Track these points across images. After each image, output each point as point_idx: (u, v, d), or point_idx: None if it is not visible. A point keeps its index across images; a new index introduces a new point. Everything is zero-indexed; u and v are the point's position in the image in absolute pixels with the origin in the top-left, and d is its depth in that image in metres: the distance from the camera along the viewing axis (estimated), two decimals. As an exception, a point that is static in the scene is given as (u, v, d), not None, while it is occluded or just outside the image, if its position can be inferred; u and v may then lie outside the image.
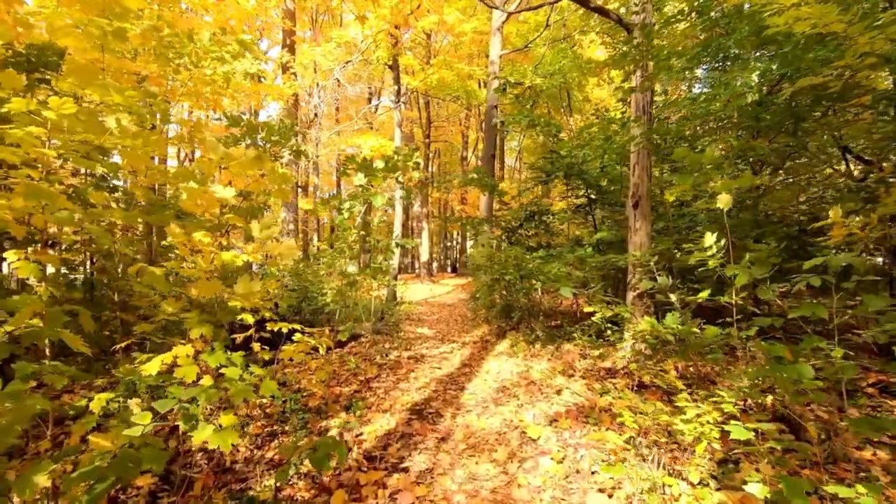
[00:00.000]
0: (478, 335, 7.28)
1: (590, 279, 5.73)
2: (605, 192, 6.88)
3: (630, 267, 4.93)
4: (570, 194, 7.15)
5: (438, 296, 14.36)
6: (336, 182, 32.41)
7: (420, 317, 9.63)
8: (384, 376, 5.00)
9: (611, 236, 6.02)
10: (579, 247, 6.31)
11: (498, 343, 6.64)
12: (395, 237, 10.97)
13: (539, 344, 6.04)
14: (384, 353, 6.08)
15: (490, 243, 9.25)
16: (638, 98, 5.00)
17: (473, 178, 7.15)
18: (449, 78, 14.08)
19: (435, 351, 6.34)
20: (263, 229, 2.69)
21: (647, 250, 4.86)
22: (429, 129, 20.08)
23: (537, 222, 7.09)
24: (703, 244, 3.38)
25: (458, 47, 15.81)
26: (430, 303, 12.24)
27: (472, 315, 9.47)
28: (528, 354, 5.78)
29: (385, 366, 5.40)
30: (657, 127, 4.54)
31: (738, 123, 5.05)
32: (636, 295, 4.92)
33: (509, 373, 4.98)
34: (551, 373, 4.82)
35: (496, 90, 6.54)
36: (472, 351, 6.24)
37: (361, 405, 3.99)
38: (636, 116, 5.01)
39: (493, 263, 6.83)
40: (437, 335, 7.53)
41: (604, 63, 5.90)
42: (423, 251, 19.74)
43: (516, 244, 7.26)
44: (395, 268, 10.98)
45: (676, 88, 9.72)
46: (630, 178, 5.10)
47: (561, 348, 5.96)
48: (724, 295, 3.61)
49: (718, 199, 3.32)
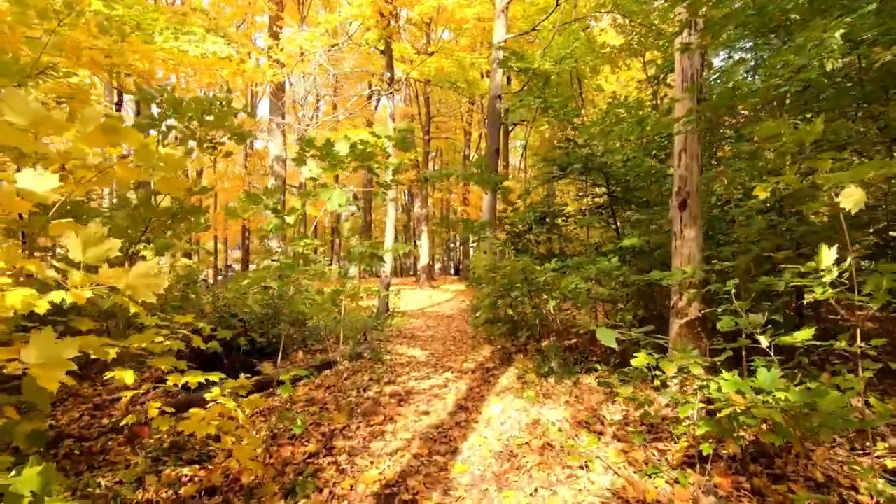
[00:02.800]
0: (478, 360, 6.11)
1: (617, 297, 4.56)
2: (631, 188, 5.71)
3: (676, 286, 3.76)
4: (588, 192, 5.99)
5: (438, 304, 13.21)
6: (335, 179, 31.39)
7: (414, 332, 8.48)
8: (354, 428, 3.85)
9: (641, 243, 4.85)
10: (601, 256, 5.14)
11: (502, 372, 5.47)
12: (388, 242, 9.84)
13: (553, 378, 4.87)
14: (361, 388, 4.93)
15: (493, 250, 8.09)
16: (685, 65, 3.83)
17: (474, 174, 6.01)
18: (449, 67, 12.94)
19: (425, 383, 5.18)
20: (90, 246, 1.54)
21: (698, 265, 3.69)
22: (428, 126, 18.93)
23: (549, 226, 5.93)
24: (818, 262, 2.21)
25: (459, 35, 14.67)
26: (427, 314, 11.08)
27: (472, 331, 8.30)
28: (540, 392, 4.61)
29: (359, 409, 4.25)
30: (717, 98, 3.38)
31: (814, 100, 3.87)
32: (685, 323, 3.74)
33: (517, 424, 3.81)
34: (573, 427, 3.65)
35: (501, 64, 5.38)
36: (471, 384, 5.08)
37: (310, 486, 2.84)
38: (684, 88, 3.85)
39: (498, 275, 5.67)
40: (430, 359, 6.37)
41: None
42: (422, 254, 18.60)
43: (524, 251, 6.11)
44: (386, 274, 9.86)
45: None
46: (673, 170, 3.93)
47: (580, 383, 4.79)
48: (835, 338, 2.45)
49: (842, 196, 2.15)
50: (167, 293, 4.15)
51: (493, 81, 11.04)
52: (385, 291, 9.34)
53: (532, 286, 5.26)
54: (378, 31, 9.50)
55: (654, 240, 4.91)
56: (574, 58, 10.24)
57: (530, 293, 5.39)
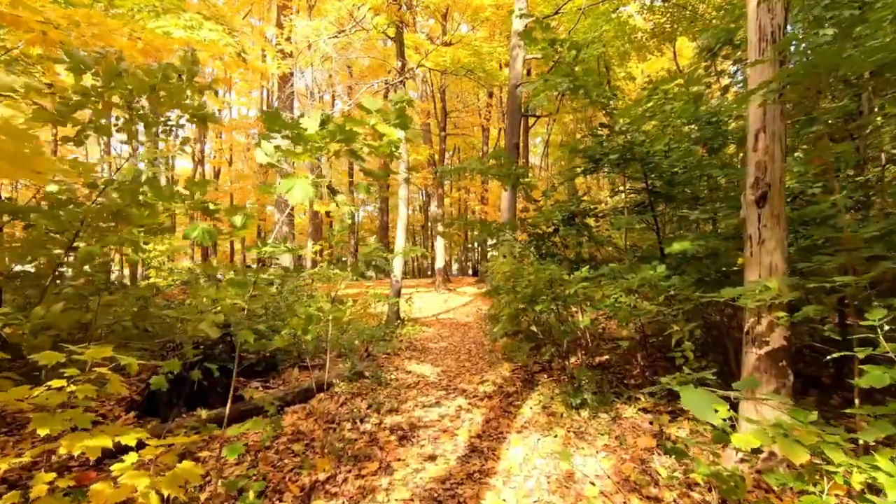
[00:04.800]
0: (496, 381, 5.31)
1: (668, 315, 3.71)
2: (675, 183, 4.81)
3: (755, 307, 2.89)
4: (626, 188, 5.11)
5: (453, 309, 12.42)
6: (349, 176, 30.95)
7: (425, 344, 7.72)
8: (341, 479, 3.10)
9: (694, 248, 3.98)
10: (643, 263, 4.29)
11: (524, 399, 4.66)
12: (399, 244, 9.11)
13: (586, 411, 4.04)
14: (358, 419, 4.19)
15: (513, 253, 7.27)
16: (762, 19, 2.96)
17: (492, 166, 5.21)
18: (466, 58, 12.15)
19: (434, 412, 4.41)
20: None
21: (784, 278, 2.82)
22: (444, 122, 18.14)
23: (579, 227, 5.07)
24: None
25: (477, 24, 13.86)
26: (441, 321, 10.31)
27: (489, 343, 7.50)
28: (571, 429, 3.79)
29: (349, 451, 3.50)
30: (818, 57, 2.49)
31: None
32: (765, 354, 2.88)
33: (544, 479, 3.01)
34: (617, 487, 2.83)
35: (523, 36, 4.58)
36: (487, 414, 4.29)
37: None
38: (761, 50, 2.98)
39: (520, 284, 4.87)
40: (441, 379, 5.60)
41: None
42: (438, 256, 17.83)
43: (549, 256, 5.29)
44: (397, 279, 9.14)
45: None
46: (748, 156, 3.06)
47: (620, 418, 3.96)
48: None
49: None
50: (124, 311, 3.47)
51: (513, 70, 10.22)
52: (395, 298, 8.61)
53: (560, 298, 4.43)
54: (388, 15, 8.78)
55: (711, 244, 4.03)
56: (602, 42, 9.33)
57: (557, 307, 4.56)
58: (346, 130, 2.20)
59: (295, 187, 1.99)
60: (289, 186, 1.99)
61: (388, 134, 2.40)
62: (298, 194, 1.97)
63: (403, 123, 2.45)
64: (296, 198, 1.97)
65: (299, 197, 1.97)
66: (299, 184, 2.00)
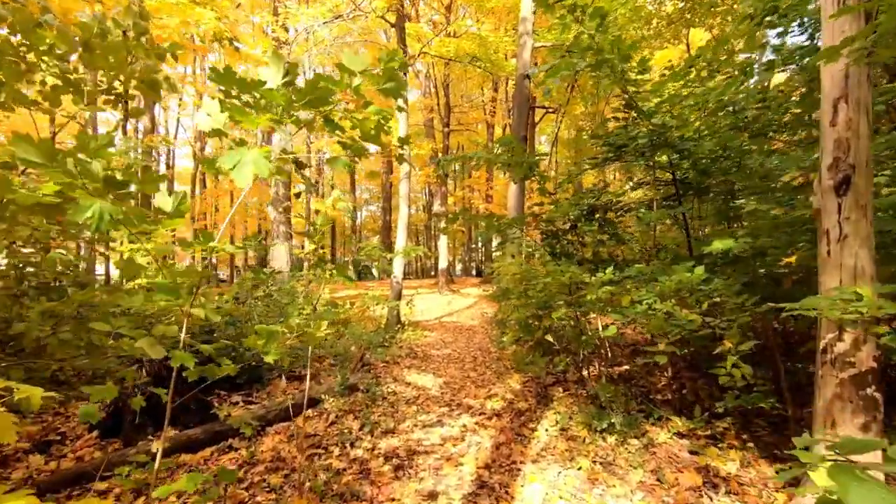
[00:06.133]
0: (506, 396, 4.75)
1: (716, 327, 3.14)
2: (709, 172, 4.23)
3: (825, 321, 2.32)
4: (654, 179, 4.51)
5: (457, 312, 11.87)
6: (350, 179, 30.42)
7: (427, 351, 7.16)
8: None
9: (741, 247, 3.40)
10: (677, 264, 3.71)
11: (539, 418, 4.10)
12: (399, 243, 8.56)
13: (613, 436, 3.47)
14: (347, 443, 3.63)
15: (521, 252, 6.69)
16: (844, -37, 2.39)
17: (500, 154, 4.64)
18: (471, 48, 11.58)
19: (435, 434, 3.85)
20: None
21: (873, 283, 2.25)
22: (448, 117, 17.57)
23: (601, 222, 4.48)
24: None
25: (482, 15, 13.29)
26: (444, 325, 9.75)
27: (496, 351, 6.94)
28: (597, 458, 3.23)
29: (335, 486, 2.94)
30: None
31: None
32: (848, 379, 2.30)
33: (572, 531, 2.44)
34: (666, 546, 2.26)
35: (537, 1, 4.01)
36: (497, 437, 3.73)
37: None
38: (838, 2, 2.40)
39: (532, 287, 4.30)
40: (444, 392, 5.04)
41: None
42: (441, 256, 17.28)
43: (565, 256, 4.72)
44: (398, 280, 8.58)
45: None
46: (823, 133, 2.49)
47: (654, 444, 3.38)
48: None
49: None
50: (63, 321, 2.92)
51: (521, 59, 9.64)
52: (395, 301, 8.05)
53: (580, 304, 3.87)
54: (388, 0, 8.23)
55: (759, 243, 3.44)
56: (617, 26, 8.75)
57: (576, 314, 3.99)
58: (317, 88, 1.64)
59: (244, 160, 1.43)
60: (236, 159, 1.43)
61: (388, 97, 1.85)
62: (247, 169, 1.42)
63: (396, 88, 1.88)
64: (244, 174, 1.41)
65: (249, 173, 1.42)
66: (250, 156, 1.44)
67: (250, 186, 1.43)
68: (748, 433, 3.58)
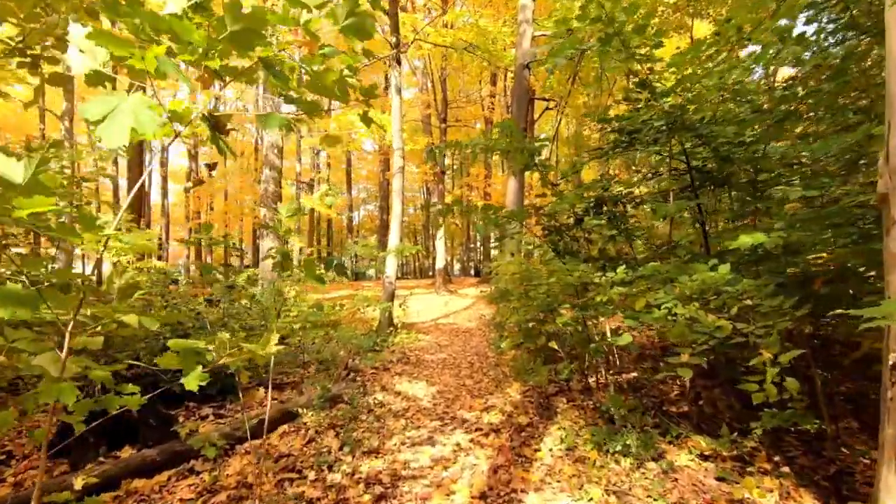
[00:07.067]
0: (505, 408, 4.31)
1: (751, 334, 2.71)
2: (728, 160, 3.80)
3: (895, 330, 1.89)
4: (670, 168, 4.08)
5: (454, 313, 11.43)
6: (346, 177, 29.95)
7: (420, 356, 6.72)
8: (280, 581, 2.11)
9: (773, 241, 2.97)
10: (698, 262, 3.27)
11: (542, 435, 3.66)
12: (392, 242, 8.12)
13: (628, 459, 3.03)
14: (324, 466, 3.19)
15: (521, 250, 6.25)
16: None
17: (499, 140, 4.21)
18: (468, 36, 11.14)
19: (424, 454, 3.41)
20: None
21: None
22: (445, 112, 17.11)
23: (610, 216, 4.03)
24: None
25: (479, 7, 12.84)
26: (440, 327, 9.30)
27: (494, 356, 6.50)
28: (609, 487, 2.79)
29: (304, 524, 2.50)
30: None
31: None
32: (928, 402, 1.86)
33: (585, 588, 2.00)
34: None
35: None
36: (495, 459, 3.29)
37: None
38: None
39: (534, 288, 3.86)
40: (436, 403, 4.60)
41: None
42: (438, 255, 16.84)
43: (570, 254, 4.28)
44: (391, 280, 8.14)
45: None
46: (889, 99, 2.05)
47: (674, 469, 2.95)
48: None
49: None
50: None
51: (520, 48, 9.21)
52: (387, 303, 7.61)
53: (589, 307, 3.43)
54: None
55: (795, 237, 3.01)
56: (622, 12, 8.33)
57: (584, 318, 3.56)
58: (244, 16, 1.19)
59: (118, 109, 0.99)
60: (106, 108, 0.98)
61: (351, 37, 1.42)
62: (121, 121, 0.97)
63: (360, 27, 1.44)
64: (116, 131, 0.97)
65: (123, 128, 0.97)
66: (128, 104, 1.00)
67: (126, 145, 0.98)
68: (780, 454, 3.16)
